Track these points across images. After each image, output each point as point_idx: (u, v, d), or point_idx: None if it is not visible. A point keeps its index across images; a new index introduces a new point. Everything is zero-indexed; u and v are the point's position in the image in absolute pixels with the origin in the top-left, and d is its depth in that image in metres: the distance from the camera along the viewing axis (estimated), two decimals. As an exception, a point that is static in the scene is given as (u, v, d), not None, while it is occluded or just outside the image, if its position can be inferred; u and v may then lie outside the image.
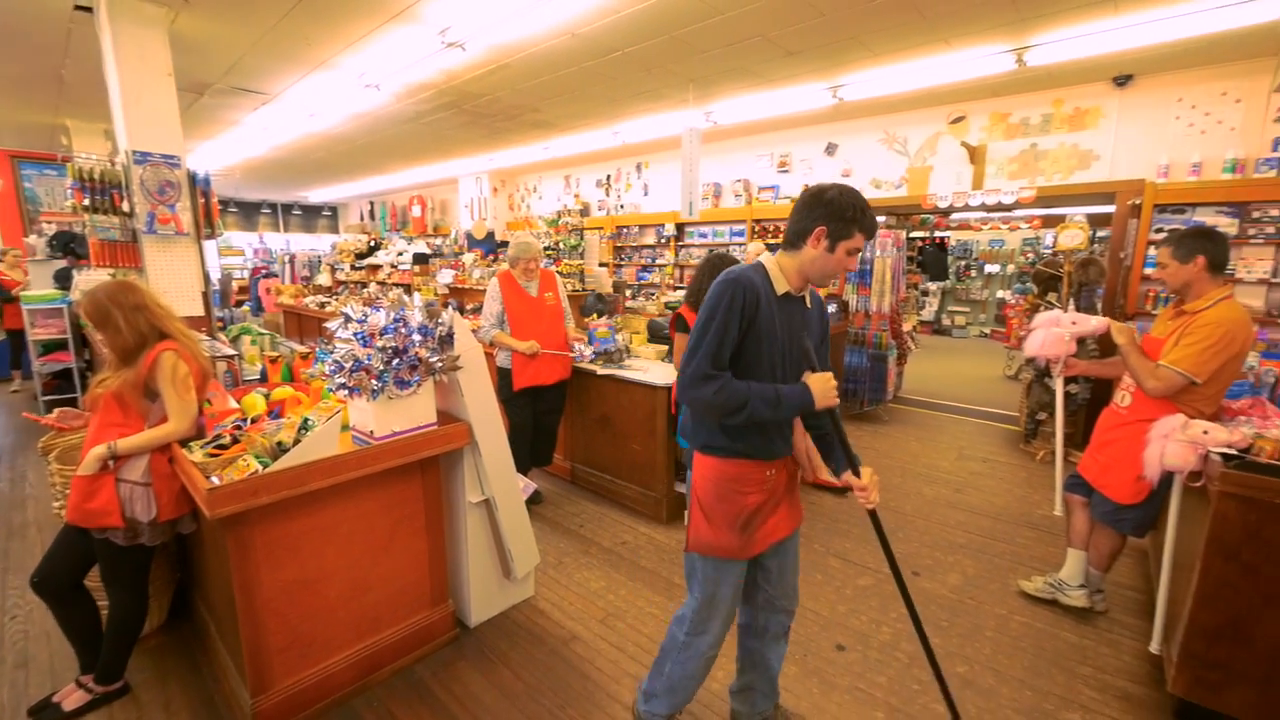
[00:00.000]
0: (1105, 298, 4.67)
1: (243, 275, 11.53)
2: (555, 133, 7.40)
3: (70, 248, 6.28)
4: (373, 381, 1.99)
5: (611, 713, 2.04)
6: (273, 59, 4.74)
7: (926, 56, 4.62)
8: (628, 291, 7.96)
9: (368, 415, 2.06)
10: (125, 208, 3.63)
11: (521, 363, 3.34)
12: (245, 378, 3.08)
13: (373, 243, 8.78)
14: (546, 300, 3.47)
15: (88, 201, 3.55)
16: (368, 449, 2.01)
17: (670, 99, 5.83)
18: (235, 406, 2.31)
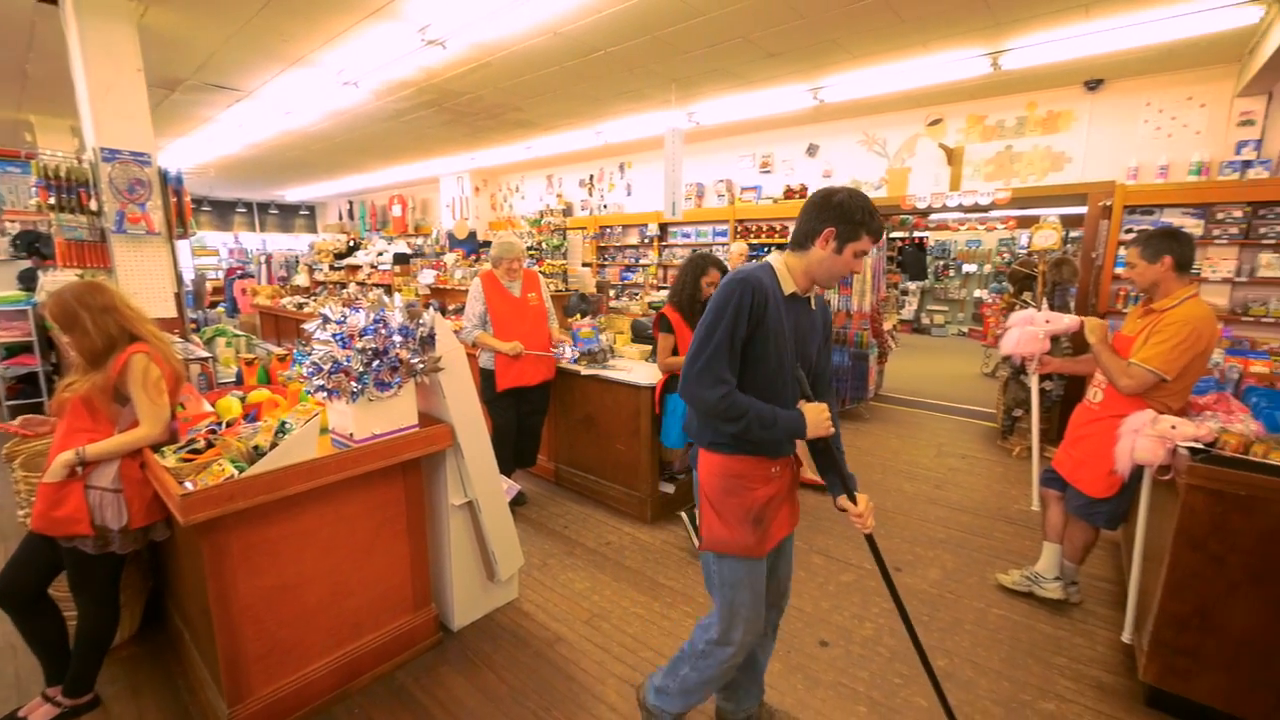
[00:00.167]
0: (1078, 296, 4.79)
1: (217, 276, 11.29)
2: (537, 132, 7.37)
3: (35, 247, 6.09)
4: (352, 383, 1.96)
5: (597, 713, 2.04)
6: (247, 55, 4.65)
7: (904, 59, 4.70)
8: (611, 292, 7.97)
9: (347, 418, 2.03)
10: (93, 206, 3.53)
11: (505, 363, 3.32)
12: (220, 380, 3.02)
13: (352, 243, 8.64)
14: (530, 301, 3.46)
15: (53, 200, 3.45)
16: (347, 452, 1.99)
17: (653, 99, 5.84)
18: (210, 410, 2.27)
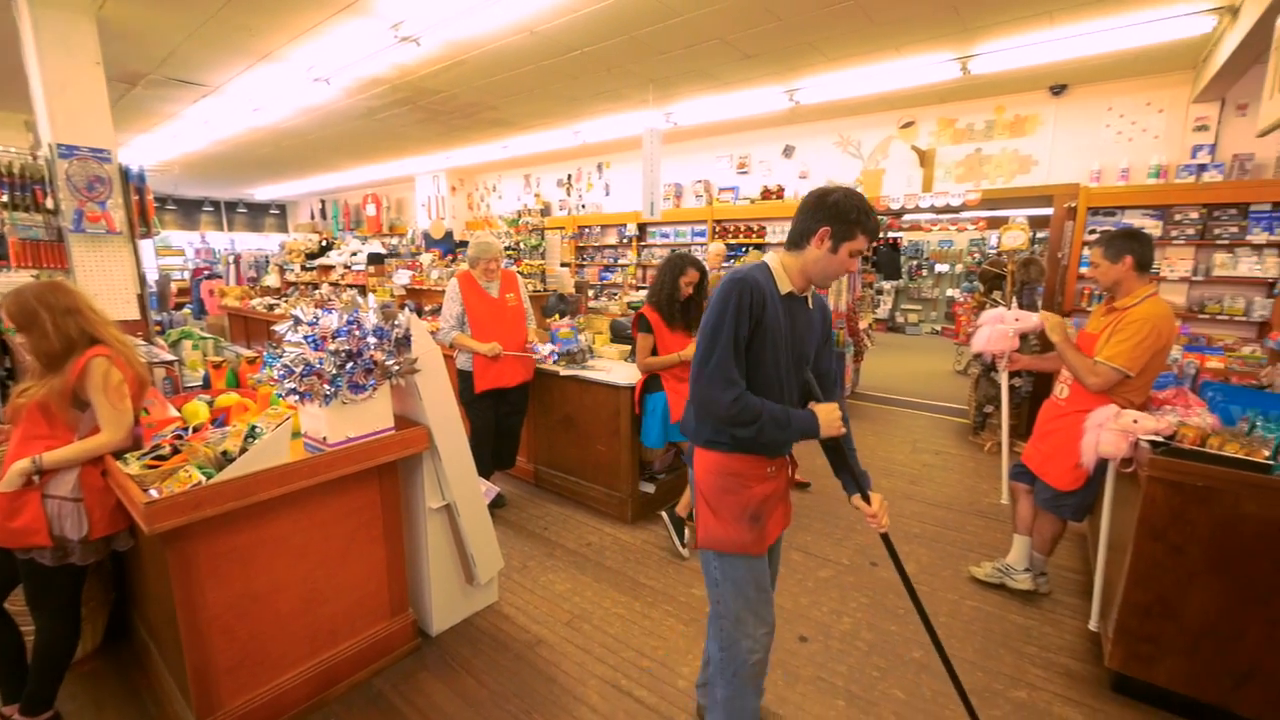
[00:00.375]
0: (1045, 295, 4.93)
1: (183, 276, 10.95)
2: (514, 131, 7.31)
3: (-13, 247, 5.83)
4: (325, 386, 1.92)
5: (578, 715, 2.03)
6: (213, 49, 4.52)
7: (877, 62, 4.78)
8: (590, 292, 7.95)
9: (320, 421, 1.99)
10: (49, 204, 3.39)
11: (483, 365, 3.28)
12: (187, 384, 2.92)
13: (324, 242, 8.44)
14: (508, 301, 3.43)
15: (6, 198, 3.30)
16: (320, 456, 1.94)
17: (630, 99, 5.84)
18: (175, 415, 2.19)
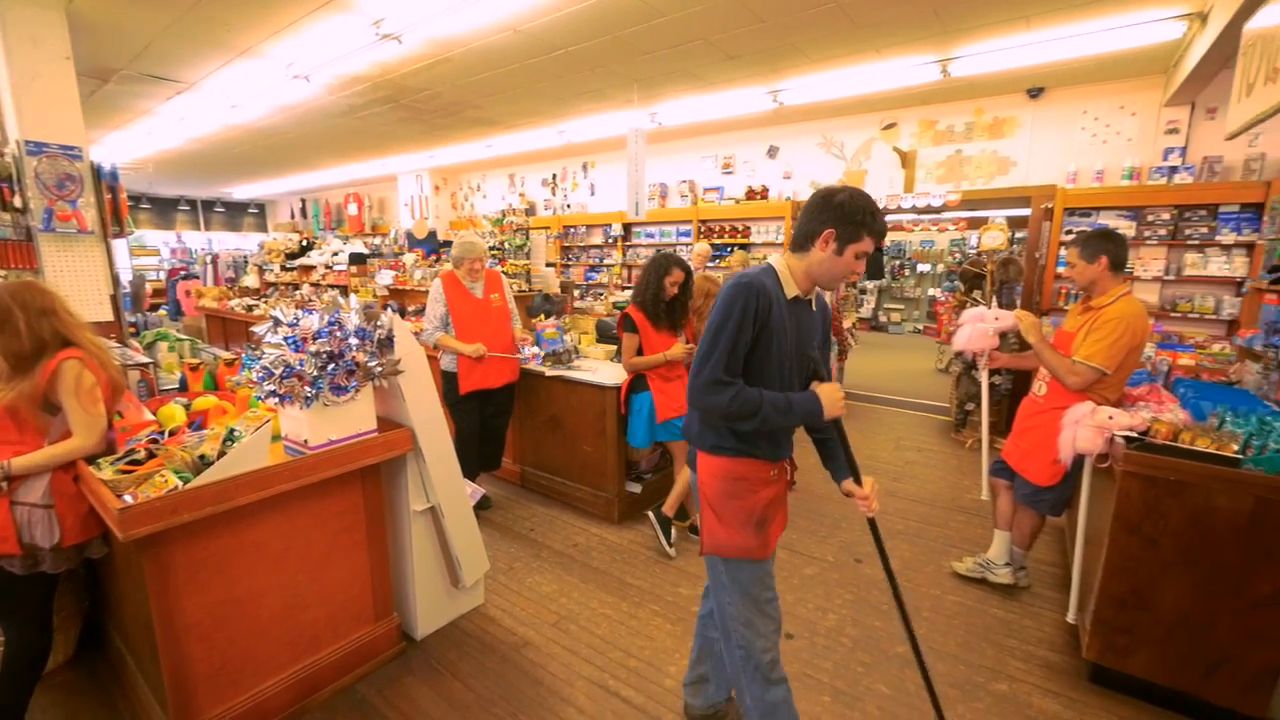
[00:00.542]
0: (1023, 294, 5.02)
1: (158, 277, 10.73)
2: (498, 130, 7.27)
3: (-49, 247, 5.65)
4: (306, 388, 1.89)
5: (565, 716, 2.02)
6: (189, 45, 4.43)
7: (859, 64, 4.82)
8: (575, 292, 7.92)
9: (301, 424, 1.96)
10: (17, 203, 3.29)
11: (468, 366, 3.26)
12: (162, 387, 2.86)
13: (305, 242, 8.30)
14: (492, 301, 3.41)
15: (-29, 196, 3.21)
16: (301, 459, 1.91)
17: (615, 99, 5.84)
18: (151, 418, 2.14)
